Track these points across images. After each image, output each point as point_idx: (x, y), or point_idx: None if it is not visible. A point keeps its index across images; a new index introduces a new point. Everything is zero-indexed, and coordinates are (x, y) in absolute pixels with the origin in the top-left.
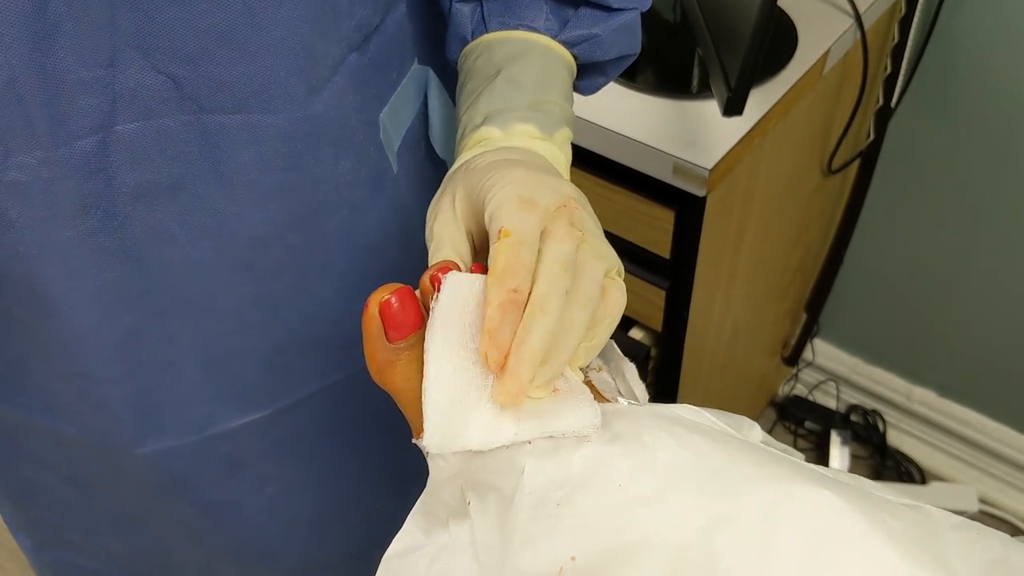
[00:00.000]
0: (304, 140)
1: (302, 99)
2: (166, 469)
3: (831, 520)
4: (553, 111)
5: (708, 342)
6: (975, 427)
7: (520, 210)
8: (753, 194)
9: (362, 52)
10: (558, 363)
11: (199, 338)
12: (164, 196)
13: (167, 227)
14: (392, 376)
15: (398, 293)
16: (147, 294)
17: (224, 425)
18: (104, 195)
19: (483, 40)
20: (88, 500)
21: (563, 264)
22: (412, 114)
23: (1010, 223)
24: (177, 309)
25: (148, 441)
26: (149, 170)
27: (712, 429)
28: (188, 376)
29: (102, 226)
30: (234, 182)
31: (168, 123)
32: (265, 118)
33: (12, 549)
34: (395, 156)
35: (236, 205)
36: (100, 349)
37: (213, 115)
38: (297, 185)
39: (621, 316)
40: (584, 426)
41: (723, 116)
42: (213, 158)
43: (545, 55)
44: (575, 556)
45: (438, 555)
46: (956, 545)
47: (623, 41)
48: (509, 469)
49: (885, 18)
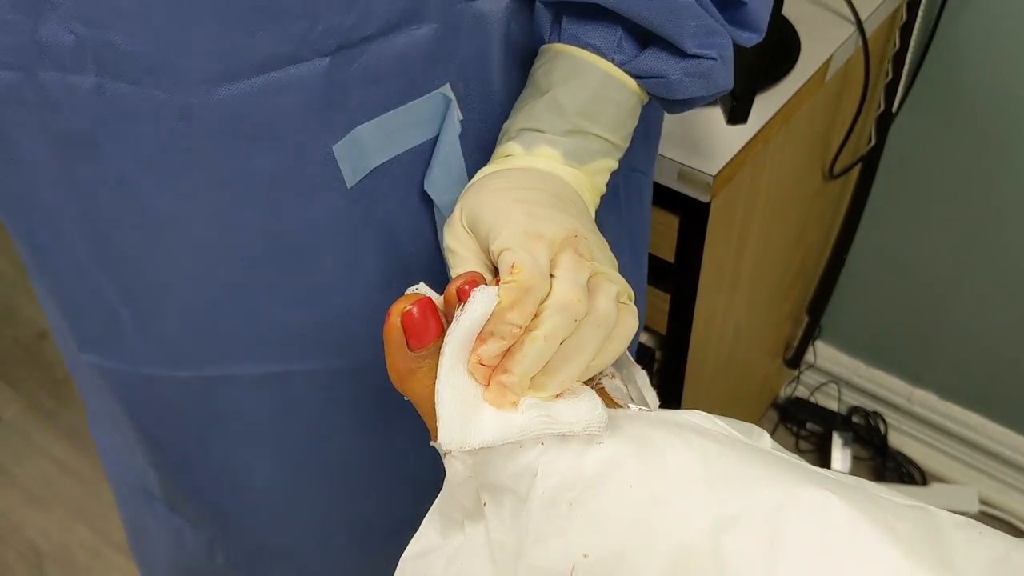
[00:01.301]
0: (203, 126)
1: (198, 85)
2: (107, 382)
3: (837, 521)
4: (590, 142)
5: (711, 345)
6: (976, 429)
7: (528, 242)
8: (756, 199)
9: (342, 61)
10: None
11: (122, 286)
12: (80, 148)
13: (84, 177)
14: (412, 383)
15: (419, 304)
16: (70, 234)
17: (151, 369)
18: (24, 128)
19: (553, 48)
20: (100, 388)
21: (576, 294)
22: (416, 139)
23: (1010, 227)
24: (99, 254)
25: (87, 351)
26: (65, 120)
27: (721, 434)
28: (119, 314)
29: (24, 157)
30: (138, 152)
31: (81, 80)
32: (161, 96)
33: (21, 550)
34: (363, 172)
35: (142, 174)
36: (42, 257)
37: (116, 82)
38: (200, 170)
39: (630, 340)
40: (591, 424)
41: (728, 124)
42: (119, 125)
43: (605, 82)
44: (587, 554)
45: (454, 556)
46: (959, 544)
47: (695, 85)
48: (523, 471)
49: (886, 25)
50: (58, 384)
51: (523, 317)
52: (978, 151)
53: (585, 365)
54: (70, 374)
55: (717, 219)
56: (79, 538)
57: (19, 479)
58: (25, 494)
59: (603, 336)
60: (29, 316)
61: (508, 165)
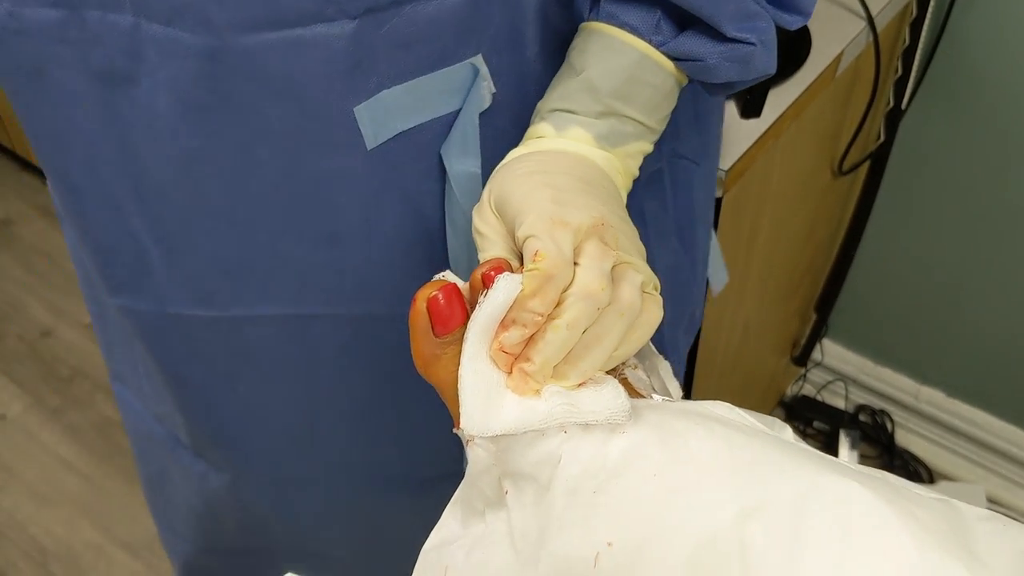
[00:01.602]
0: (227, 68)
1: (223, 31)
2: (135, 326)
3: (861, 510)
4: (624, 124)
5: (720, 342)
6: (983, 427)
7: (553, 229)
8: (766, 195)
9: (371, 24)
10: (589, 369)
11: (154, 221)
12: (120, 84)
13: (123, 112)
14: (437, 370)
15: (445, 290)
16: (109, 165)
17: (179, 308)
18: (69, 65)
19: (589, 27)
20: (128, 335)
21: (599, 283)
22: (446, 107)
23: (1018, 224)
24: (134, 188)
25: (117, 294)
26: (108, 57)
27: (744, 425)
28: (148, 250)
29: (68, 91)
30: (169, 88)
31: (120, 19)
32: (188, 37)
33: (25, 549)
34: (387, 136)
35: (171, 110)
36: (77, 197)
37: (149, 22)
38: (222, 110)
39: (654, 331)
40: (614, 413)
41: (741, 118)
42: (152, 62)
43: (641, 64)
44: (611, 543)
45: (475, 545)
46: (984, 536)
47: (733, 70)
48: (546, 459)
49: (896, 21)
50: (63, 382)
51: (545, 305)
52: (987, 148)
53: (607, 354)
54: (94, 330)
55: (728, 215)
56: (84, 536)
57: (24, 477)
58: (30, 492)
59: (626, 325)
60: (34, 314)
61: (538, 147)
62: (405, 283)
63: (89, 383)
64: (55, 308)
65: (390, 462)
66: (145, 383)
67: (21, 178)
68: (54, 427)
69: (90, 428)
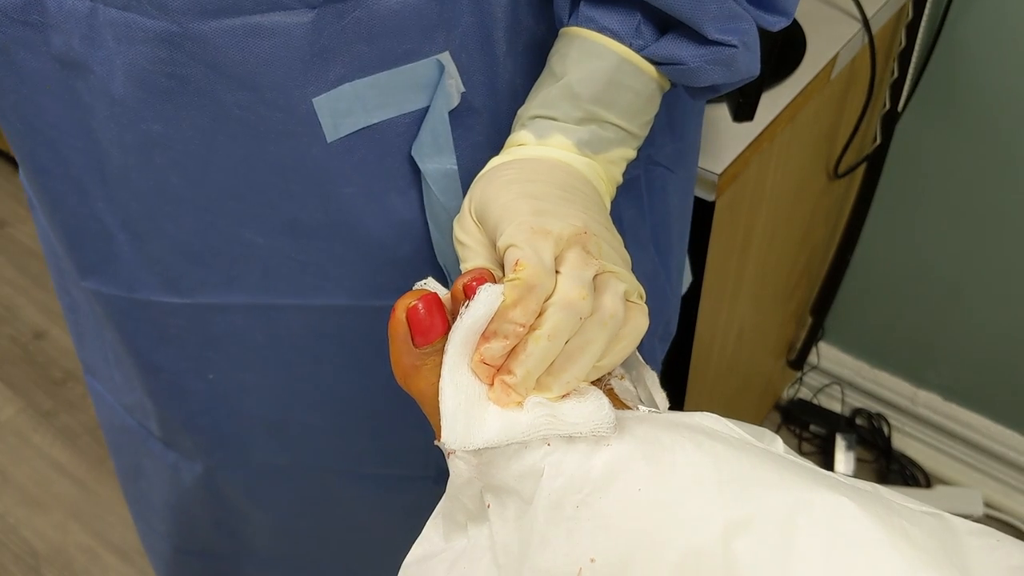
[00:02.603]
0: (183, 54)
1: (179, 15)
2: (106, 311)
3: (850, 526)
4: (605, 130)
5: (715, 346)
6: (980, 431)
7: (534, 238)
8: (760, 198)
9: (332, 15)
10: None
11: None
12: (78, 69)
13: (83, 97)
14: (417, 380)
15: (425, 300)
16: (73, 151)
17: (147, 295)
18: (29, 46)
19: (569, 32)
20: (99, 325)
21: (579, 292)
22: (412, 104)
23: (1015, 227)
24: (99, 172)
25: (88, 277)
26: (64, 41)
27: (732, 437)
28: (114, 236)
29: (30, 72)
30: (126, 73)
31: (76, 4)
32: (145, 21)
33: (17, 552)
34: (348, 129)
35: (129, 95)
36: (44, 180)
37: (107, 7)
38: (181, 95)
39: (639, 340)
40: (598, 424)
41: (734, 121)
42: (108, 46)
43: (621, 68)
44: (594, 558)
45: (457, 560)
46: (976, 552)
47: (715, 73)
48: (528, 473)
49: (892, 23)
50: (55, 385)
51: (526, 315)
52: (983, 151)
53: (590, 365)
54: (66, 322)
55: (722, 219)
56: (76, 540)
57: (16, 480)
58: (22, 495)
59: (609, 335)
60: (27, 316)
61: (520, 155)
62: (370, 277)
63: (82, 386)
64: (48, 310)
65: (363, 456)
66: (116, 373)
67: (14, 180)
68: (47, 430)
69: (83, 431)
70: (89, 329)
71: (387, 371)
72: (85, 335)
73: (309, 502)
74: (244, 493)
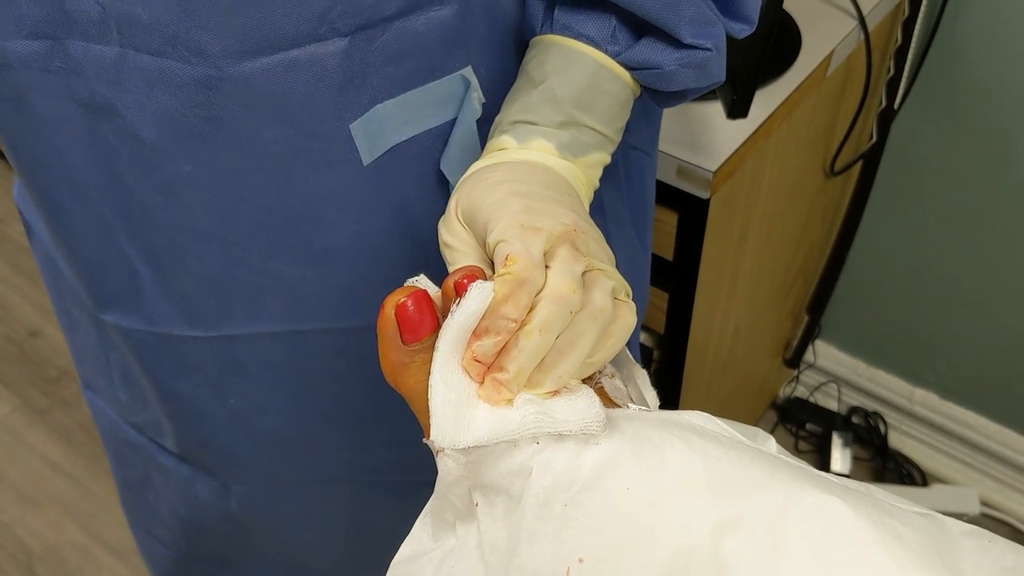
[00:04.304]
0: (221, 96)
1: (218, 60)
2: (126, 343)
3: (840, 526)
4: (584, 134)
5: (711, 344)
6: (976, 429)
7: (525, 234)
8: (756, 196)
9: (363, 40)
10: (563, 376)
11: (144, 244)
12: (104, 114)
13: (109, 141)
14: (405, 378)
15: (414, 296)
16: (97, 190)
17: (168, 328)
18: (53, 93)
19: (544, 40)
20: (105, 346)
21: (570, 285)
22: (436, 119)
23: (1012, 225)
24: (123, 211)
25: (107, 311)
26: (90, 87)
27: (723, 436)
28: (138, 272)
29: (53, 118)
30: (159, 118)
31: (105, 50)
32: (181, 67)
33: (11, 551)
34: (381, 150)
35: (161, 139)
36: (64, 219)
37: (138, 53)
38: (216, 136)
39: (628, 337)
40: (588, 423)
41: (728, 119)
42: (140, 93)
43: (598, 73)
44: (583, 558)
45: (445, 559)
46: (968, 553)
47: (690, 76)
48: (517, 471)
49: (888, 20)
50: (50, 383)
51: (518, 310)
52: (980, 149)
53: (581, 360)
54: (66, 338)
55: (717, 216)
56: (70, 538)
57: (10, 478)
58: (16, 493)
59: (599, 330)
60: (22, 314)
61: (503, 159)
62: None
63: (77, 384)
64: (43, 309)
65: (381, 466)
66: (122, 393)
67: (9, 176)
68: (41, 428)
69: (78, 429)
70: (91, 350)
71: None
72: (86, 354)
73: (323, 511)
74: (260, 506)
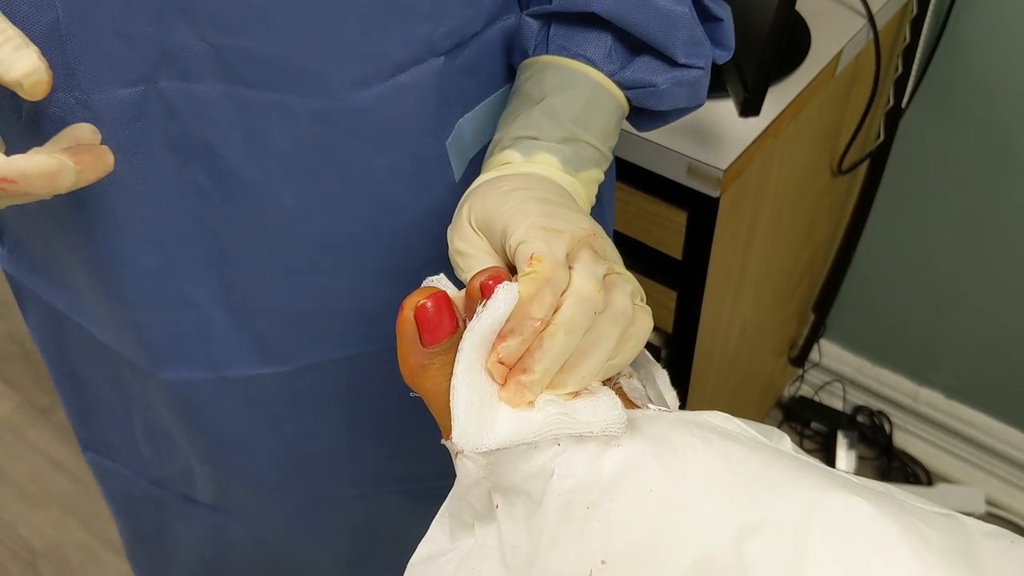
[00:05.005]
0: (337, 129)
1: (339, 91)
2: (182, 396)
3: (864, 528)
4: (584, 150)
5: (717, 343)
6: (982, 429)
7: (548, 236)
8: (764, 195)
9: (452, 57)
10: (586, 376)
11: (223, 287)
12: (197, 155)
13: (200, 182)
14: (424, 380)
15: (434, 298)
16: (177, 239)
17: (242, 371)
18: (141, 143)
19: (540, 60)
20: (127, 405)
21: (594, 285)
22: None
23: (1018, 225)
24: (204, 257)
25: (168, 369)
26: (183, 128)
27: (743, 436)
28: (211, 318)
29: (138, 170)
30: (265, 155)
31: (205, 89)
32: (298, 100)
33: (14, 549)
34: (464, 164)
35: (265, 176)
36: (128, 277)
37: (249, 89)
38: (326, 169)
39: (646, 340)
40: (609, 424)
41: (740, 116)
42: (246, 129)
43: (595, 91)
44: (605, 560)
45: (464, 560)
46: (990, 554)
47: (681, 95)
48: (538, 473)
49: (897, 19)
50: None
51: (543, 309)
52: (987, 148)
53: (604, 360)
54: (63, 407)
55: (726, 215)
56: (73, 537)
57: (13, 477)
58: (19, 492)
59: (621, 331)
60: None
61: (509, 171)
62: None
63: None
64: None
65: (423, 475)
66: (146, 449)
67: None
68: (44, 427)
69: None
70: (105, 412)
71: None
72: (94, 415)
73: (357, 524)
74: (284, 529)
